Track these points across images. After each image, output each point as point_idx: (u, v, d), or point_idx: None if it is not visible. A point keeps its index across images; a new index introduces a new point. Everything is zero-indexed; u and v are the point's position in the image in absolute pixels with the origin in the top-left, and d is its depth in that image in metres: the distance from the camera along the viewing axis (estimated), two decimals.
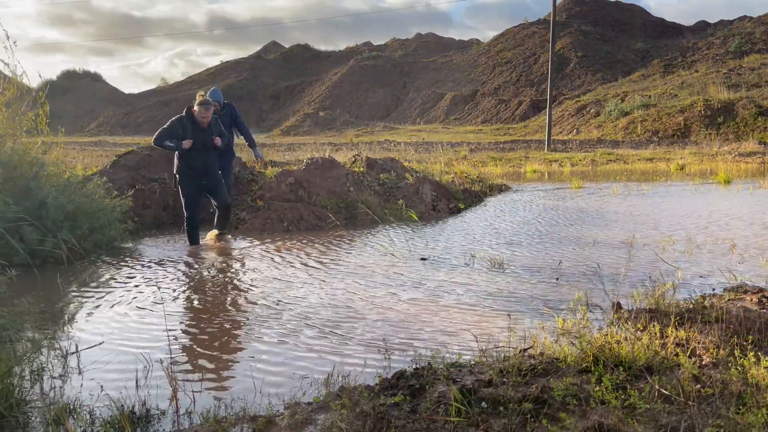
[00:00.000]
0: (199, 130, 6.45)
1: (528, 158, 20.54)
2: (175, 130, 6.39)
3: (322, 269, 5.72)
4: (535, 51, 46.42)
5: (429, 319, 4.13)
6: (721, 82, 29.50)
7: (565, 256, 6.00)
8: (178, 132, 6.37)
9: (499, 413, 2.38)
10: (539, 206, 9.91)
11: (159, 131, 6.40)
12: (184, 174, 6.56)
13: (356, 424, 2.30)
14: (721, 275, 5.04)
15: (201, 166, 6.55)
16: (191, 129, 6.40)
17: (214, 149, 6.64)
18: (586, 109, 32.56)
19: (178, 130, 6.38)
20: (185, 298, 4.83)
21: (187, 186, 6.61)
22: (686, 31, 48.90)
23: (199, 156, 6.49)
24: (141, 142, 17.56)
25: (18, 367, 2.80)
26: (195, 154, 6.45)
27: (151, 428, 2.58)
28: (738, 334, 3.24)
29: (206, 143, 6.51)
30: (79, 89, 67.54)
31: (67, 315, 4.34)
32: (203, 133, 6.48)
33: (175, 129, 6.39)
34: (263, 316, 4.28)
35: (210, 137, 6.52)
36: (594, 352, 2.82)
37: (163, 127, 6.44)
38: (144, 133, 49.48)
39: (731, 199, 9.97)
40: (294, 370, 3.28)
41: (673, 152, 20.96)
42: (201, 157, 6.51)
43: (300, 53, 64.21)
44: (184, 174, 6.56)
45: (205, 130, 6.49)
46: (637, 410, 2.37)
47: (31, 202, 5.81)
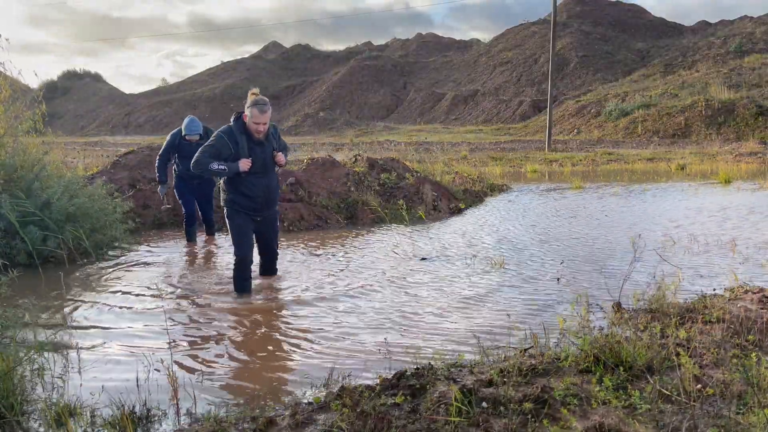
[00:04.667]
0: (254, 144, 4.60)
1: (528, 158, 20.53)
2: (223, 147, 4.51)
3: (322, 269, 5.72)
4: (536, 51, 46.41)
5: (429, 318, 4.13)
6: (722, 82, 29.48)
7: (566, 256, 6.00)
8: (228, 149, 4.52)
9: (500, 413, 2.38)
10: (540, 206, 9.90)
11: (201, 151, 4.55)
12: (237, 206, 4.71)
13: (357, 424, 2.30)
14: (722, 275, 5.04)
15: (261, 195, 4.71)
16: (246, 144, 4.57)
17: (274, 171, 4.83)
18: (586, 109, 32.55)
19: (228, 147, 4.51)
20: (186, 297, 4.83)
21: (241, 220, 4.75)
22: (687, 30, 48.86)
23: (258, 181, 4.66)
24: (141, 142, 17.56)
25: (19, 367, 2.80)
26: (253, 179, 4.64)
27: (151, 428, 2.58)
28: (739, 334, 3.24)
29: (267, 162, 4.68)
30: (79, 89, 67.57)
31: (68, 315, 4.34)
32: (261, 149, 4.63)
33: (224, 145, 4.51)
34: (264, 316, 4.28)
35: (270, 153, 4.70)
36: (595, 352, 2.82)
37: (207, 144, 4.60)
38: (144, 133, 49.50)
39: (732, 199, 9.96)
40: (294, 369, 3.28)
41: (673, 152, 20.95)
42: (261, 182, 4.68)
43: (300, 53, 64.21)
44: (237, 206, 4.71)
45: (263, 144, 4.65)
46: (638, 410, 2.37)
47: (33, 203, 5.82)
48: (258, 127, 4.54)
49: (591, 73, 41.63)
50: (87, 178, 8.17)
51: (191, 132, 6.72)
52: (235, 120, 4.66)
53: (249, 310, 4.44)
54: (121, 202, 7.20)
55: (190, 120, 6.87)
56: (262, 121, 4.52)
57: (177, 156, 6.89)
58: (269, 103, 4.61)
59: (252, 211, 4.74)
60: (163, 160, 6.94)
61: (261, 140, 4.62)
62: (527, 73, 44.50)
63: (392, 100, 49.72)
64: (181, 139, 6.78)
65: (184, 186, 6.98)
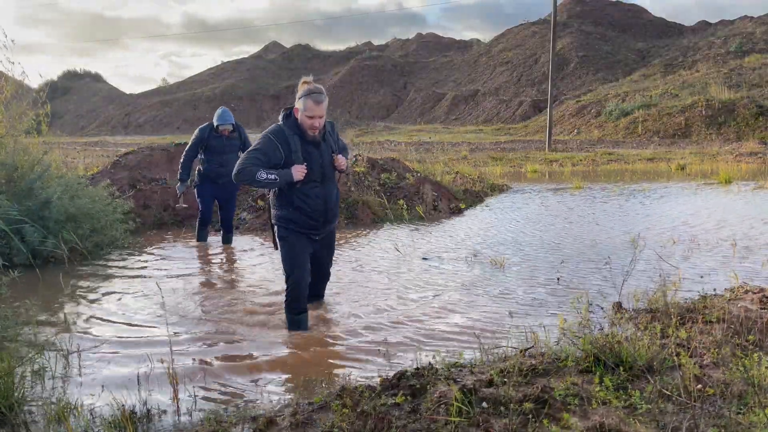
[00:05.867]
0: (310, 146, 3.76)
1: (528, 158, 20.53)
2: (272, 150, 3.68)
3: None
4: (536, 51, 46.40)
5: (429, 318, 4.12)
6: (722, 82, 29.46)
7: (566, 256, 6.00)
8: (278, 154, 3.68)
9: (500, 413, 2.38)
10: (540, 206, 9.90)
11: (245, 157, 3.67)
12: (292, 225, 3.84)
13: (357, 424, 2.30)
14: (722, 275, 5.04)
15: (320, 209, 3.84)
16: (301, 147, 3.73)
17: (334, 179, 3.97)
18: (586, 109, 32.54)
19: (278, 151, 3.68)
20: (186, 297, 4.83)
21: (296, 241, 3.86)
22: (687, 30, 48.85)
23: (315, 192, 3.80)
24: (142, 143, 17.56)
25: (19, 366, 2.80)
26: (308, 190, 3.79)
27: (152, 428, 2.58)
28: (739, 334, 3.24)
29: (325, 168, 3.83)
30: (79, 89, 67.58)
31: (69, 315, 4.34)
32: (318, 151, 3.79)
33: (272, 149, 3.68)
34: (265, 316, 4.28)
35: (329, 156, 3.84)
36: (595, 352, 2.81)
37: (251, 148, 3.75)
38: (145, 133, 49.48)
39: (732, 199, 9.96)
40: (295, 369, 3.27)
41: (673, 152, 20.94)
42: (318, 193, 3.82)
43: (300, 53, 64.21)
44: (292, 225, 3.84)
45: (320, 145, 3.79)
46: (639, 410, 2.37)
47: (33, 203, 5.82)
48: (313, 123, 3.69)
49: (591, 73, 41.62)
50: (87, 178, 8.17)
51: (224, 122, 6.40)
52: (285, 117, 3.81)
53: (250, 310, 4.44)
54: (122, 202, 7.21)
55: (222, 110, 6.53)
56: (317, 113, 3.67)
57: (204, 152, 6.53)
58: (325, 93, 3.74)
59: (310, 230, 3.86)
60: (189, 156, 6.60)
61: (317, 140, 3.76)
62: (527, 73, 44.49)
63: (392, 100, 49.71)
64: (211, 132, 6.45)
65: (208, 188, 6.64)
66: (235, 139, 6.54)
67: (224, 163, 6.34)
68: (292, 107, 3.82)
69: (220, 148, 6.46)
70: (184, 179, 6.71)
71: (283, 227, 3.86)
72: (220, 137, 6.43)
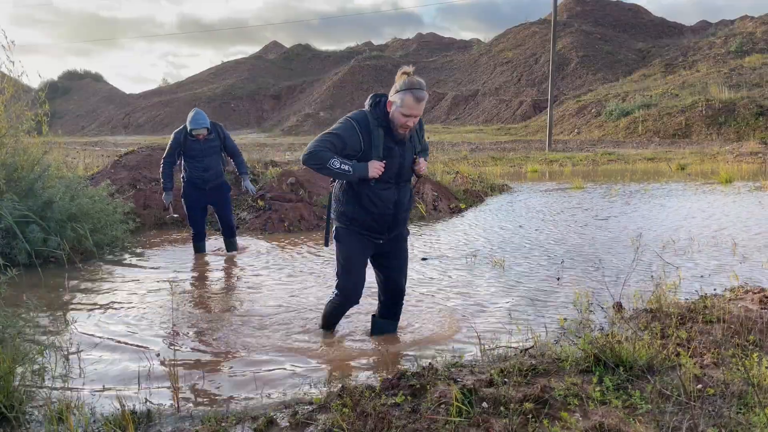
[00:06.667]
0: (394, 143, 3.37)
1: (529, 158, 20.53)
2: (351, 138, 3.29)
3: (323, 269, 5.72)
4: (536, 51, 46.40)
5: (429, 318, 4.12)
6: (723, 82, 29.45)
7: (567, 256, 6.00)
8: (358, 144, 3.30)
9: (500, 413, 2.38)
10: (540, 206, 9.90)
11: (320, 139, 3.26)
12: (354, 225, 3.47)
13: (357, 424, 2.30)
14: (723, 275, 5.04)
15: (389, 213, 3.44)
16: (383, 142, 3.34)
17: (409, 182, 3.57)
18: (587, 109, 32.54)
19: (357, 141, 3.29)
20: (186, 297, 4.84)
21: (356, 244, 3.50)
22: (687, 30, 48.86)
23: (386, 194, 3.41)
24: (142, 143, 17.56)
25: (19, 366, 2.80)
26: (380, 190, 3.39)
27: (152, 428, 2.58)
28: (739, 334, 3.24)
29: (404, 169, 3.44)
30: (80, 89, 67.58)
31: (69, 314, 4.34)
32: (402, 150, 3.40)
33: (352, 137, 3.29)
34: (265, 316, 4.28)
35: (411, 158, 3.45)
36: (595, 352, 2.81)
37: (329, 131, 3.32)
38: (145, 133, 49.49)
39: (732, 200, 9.95)
40: (295, 369, 3.27)
41: (674, 152, 20.94)
42: (390, 195, 3.42)
43: (300, 53, 64.21)
44: (354, 225, 3.47)
45: (405, 144, 3.41)
46: (639, 410, 2.37)
47: (34, 202, 5.82)
48: (407, 122, 3.27)
49: (591, 73, 41.62)
50: (87, 178, 8.17)
51: (197, 125, 5.90)
52: (374, 106, 3.38)
53: (251, 310, 4.44)
54: (122, 202, 7.21)
55: (195, 113, 6.00)
56: (415, 113, 3.25)
57: (184, 157, 6.10)
58: (426, 91, 3.31)
59: (372, 233, 3.48)
60: (167, 163, 6.12)
61: (403, 138, 3.37)
62: (528, 73, 44.48)
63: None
64: (187, 136, 5.99)
65: (195, 195, 6.20)
66: (214, 140, 6.10)
67: (207, 167, 6.06)
68: (382, 95, 3.42)
69: (199, 151, 6.03)
70: (168, 188, 6.25)
71: (344, 227, 3.49)
72: (198, 141, 5.99)
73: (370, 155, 3.30)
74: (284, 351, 3.59)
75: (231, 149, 6.30)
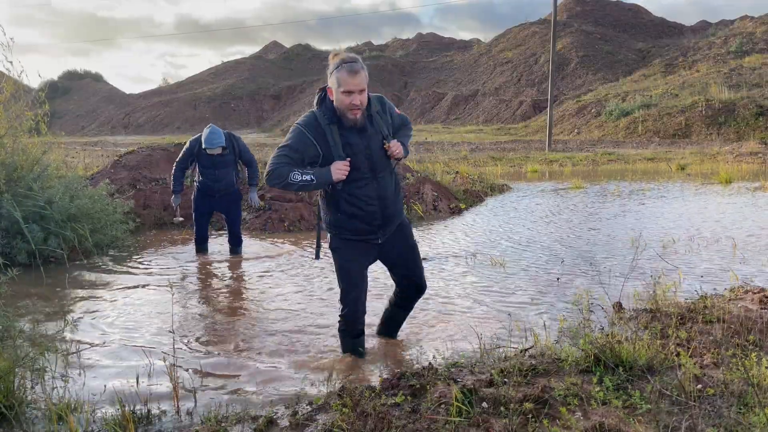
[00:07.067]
0: (351, 133, 3.04)
1: (529, 158, 20.53)
2: (304, 145, 3.02)
3: (322, 270, 5.72)
4: (536, 51, 46.40)
5: (429, 318, 4.13)
6: (722, 82, 29.45)
7: (566, 256, 6.00)
8: (313, 149, 3.02)
9: (500, 413, 2.38)
10: (540, 206, 9.90)
11: (275, 156, 3.03)
12: (344, 233, 3.20)
13: (357, 424, 2.30)
14: (723, 275, 5.04)
15: (375, 209, 3.15)
16: (338, 136, 3.03)
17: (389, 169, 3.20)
18: (586, 109, 32.54)
19: (312, 146, 3.02)
20: (186, 297, 4.84)
21: (350, 254, 3.24)
22: (687, 30, 48.86)
23: (365, 190, 3.11)
24: (142, 143, 17.57)
25: (20, 366, 2.80)
26: (356, 189, 3.09)
27: (152, 428, 2.58)
28: (739, 333, 3.24)
29: (375, 158, 3.10)
30: (79, 89, 67.57)
31: (69, 314, 4.34)
32: (364, 139, 3.07)
33: (305, 143, 3.02)
34: (265, 317, 4.28)
35: (379, 143, 3.09)
36: (595, 352, 2.81)
37: (282, 144, 3.08)
38: (145, 133, 49.47)
39: (732, 200, 9.95)
40: (295, 369, 3.27)
41: (674, 152, 20.94)
42: (369, 190, 3.11)
43: (300, 53, 64.20)
44: (344, 233, 3.20)
45: (366, 130, 3.07)
46: (639, 410, 2.37)
47: (33, 202, 5.82)
48: (352, 100, 2.92)
49: (591, 73, 41.62)
50: (87, 178, 8.17)
51: (212, 145, 5.86)
52: (320, 101, 3.09)
53: (251, 310, 4.44)
54: (122, 202, 7.21)
55: (210, 131, 5.90)
56: (356, 86, 2.90)
57: (198, 165, 6.14)
58: (361, 64, 2.96)
59: (366, 235, 3.19)
60: (179, 168, 6.21)
61: (361, 124, 3.02)
62: (527, 73, 44.48)
63: (393, 100, 49.68)
64: (200, 147, 6.00)
65: (203, 201, 6.25)
66: (228, 154, 6.09)
67: (218, 178, 6.08)
68: (326, 87, 3.07)
69: (212, 163, 6.06)
70: (177, 191, 6.33)
71: (336, 237, 3.21)
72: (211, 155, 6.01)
73: (332, 156, 3.01)
74: (284, 351, 3.59)
75: (247, 160, 6.33)
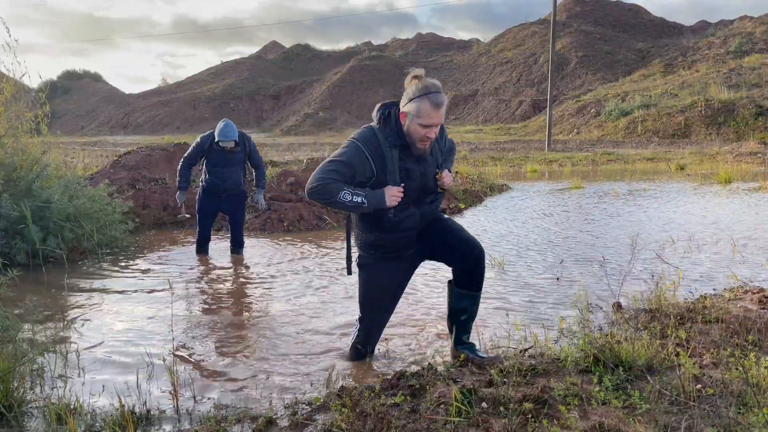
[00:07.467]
0: (412, 162, 2.89)
1: (528, 158, 20.54)
2: (360, 165, 2.81)
3: (322, 269, 5.72)
4: (536, 51, 46.41)
5: (429, 318, 4.13)
6: (722, 82, 29.47)
7: (566, 256, 6.00)
8: (369, 170, 2.82)
9: (500, 413, 2.38)
10: (539, 206, 9.91)
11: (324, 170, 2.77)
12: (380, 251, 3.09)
13: (357, 424, 2.31)
14: (722, 275, 5.04)
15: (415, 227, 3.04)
16: (398, 161, 2.85)
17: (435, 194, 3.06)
18: (586, 109, 32.55)
19: (368, 167, 2.82)
20: (186, 297, 4.84)
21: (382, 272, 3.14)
22: (687, 30, 48.89)
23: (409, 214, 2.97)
24: (141, 143, 17.57)
25: (19, 366, 2.80)
26: (401, 212, 2.94)
27: (151, 428, 2.58)
28: (738, 334, 3.24)
29: (427, 187, 2.98)
30: (79, 89, 67.57)
31: (68, 314, 4.34)
32: (423, 168, 2.93)
33: (361, 164, 2.81)
34: (265, 317, 4.28)
35: (433, 172, 2.98)
36: (594, 352, 2.82)
37: (333, 158, 2.83)
38: (144, 133, 49.48)
39: (731, 200, 9.96)
40: (295, 370, 3.28)
41: (673, 152, 20.95)
42: (414, 213, 2.98)
43: (300, 53, 64.21)
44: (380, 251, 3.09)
45: (426, 160, 2.94)
46: (638, 410, 2.37)
47: (33, 203, 5.82)
48: (428, 133, 2.77)
49: (591, 73, 41.64)
50: (86, 178, 8.17)
51: (225, 137, 5.80)
52: (384, 121, 2.88)
53: (251, 310, 4.43)
54: (121, 202, 7.21)
55: (225, 125, 5.89)
56: (435, 121, 2.76)
57: (206, 162, 6.04)
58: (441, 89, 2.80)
59: (403, 249, 3.08)
60: (186, 164, 6.11)
61: (423, 154, 2.88)
62: (527, 73, 44.49)
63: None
64: (212, 143, 5.91)
65: (208, 202, 6.18)
66: (239, 153, 6.04)
67: (226, 177, 6.02)
68: (392, 104, 2.90)
69: (222, 161, 5.99)
70: (183, 187, 6.24)
71: (368, 254, 3.09)
72: (222, 151, 5.93)
73: (385, 180, 2.81)
74: (284, 351, 3.59)
75: (255, 162, 6.28)
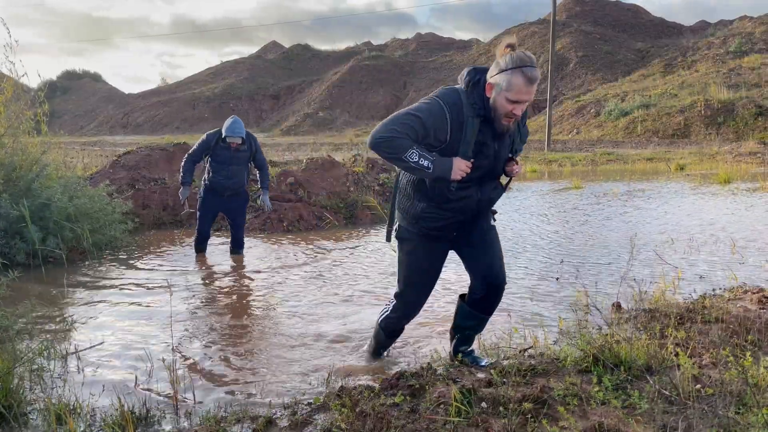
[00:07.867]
0: (491, 137, 2.65)
1: (528, 158, 20.54)
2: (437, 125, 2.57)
3: (322, 270, 5.72)
4: (535, 51, 46.39)
5: (429, 318, 4.13)
6: (721, 82, 29.47)
7: (565, 256, 6.00)
8: (443, 132, 2.58)
9: (499, 413, 2.38)
10: (539, 206, 9.91)
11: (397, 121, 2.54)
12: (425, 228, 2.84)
13: (356, 424, 2.31)
14: (722, 275, 5.05)
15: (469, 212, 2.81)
16: (477, 133, 2.61)
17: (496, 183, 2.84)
18: (586, 109, 32.56)
19: (443, 130, 2.58)
20: (185, 297, 4.83)
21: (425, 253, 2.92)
22: (686, 30, 48.89)
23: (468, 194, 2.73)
24: (141, 142, 17.56)
25: (19, 366, 2.80)
26: (461, 189, 2.70)
27: (151, 428, 2.58)
28: (738, 334, 3.24)
29: (496, 169, 2.77)
30: (78, 89, 67.54)
31: (68, 314, 4.34)
32: (499, 146, 2.70)
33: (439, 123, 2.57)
34: (265, 317, 4.28)
35: (506, 155, 2.76)
36: (594, 352, 2.82)
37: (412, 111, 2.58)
38: (144, 133, 49.45)
39: (731, 199, 9.96)
40: (294, 370, 3.28)
41: (673, 152, 20.95)
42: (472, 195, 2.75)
43: (300, 53, 64.18)
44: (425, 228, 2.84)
45: (503, 139, 2.69)
46: (638, 410, 2.37)
47: (32, 202, 5.82)
48: (514, 109, 2.53)
49: (591, 73, 41.64)
50: (86, 178, 8.17)
51: (233, 133, 5.79)
52: (473, 85, 2.63)
53: (250, 310, 4.44)
54: (121, 202, 7.21)
55: (233, 121, 5.90)
56: (525, 98, 2.53)
57: (210, 160, 6.00)
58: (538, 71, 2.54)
59: (449, 231, 2.85)
60: (191, 160, 6.04)
61: (504, 131, 2.64)
62: None
63: (392, 100, 49.71)
64: (218, 141, 5.90)
65: (212, 201, 6.12)
66: (245, 151, 6.00)
67: (230, 175, 5.98)
68: (483, 70, 2.64)
69: (227, 159, 5.94)
70: (186, 182, 6.18)
71: (407, 228, 2.86)
72: (228, 148, 5.88)
73: (457, 149, 2.57)
74: (283, 351, 3.60)
75: (259, 162, 6.24)
